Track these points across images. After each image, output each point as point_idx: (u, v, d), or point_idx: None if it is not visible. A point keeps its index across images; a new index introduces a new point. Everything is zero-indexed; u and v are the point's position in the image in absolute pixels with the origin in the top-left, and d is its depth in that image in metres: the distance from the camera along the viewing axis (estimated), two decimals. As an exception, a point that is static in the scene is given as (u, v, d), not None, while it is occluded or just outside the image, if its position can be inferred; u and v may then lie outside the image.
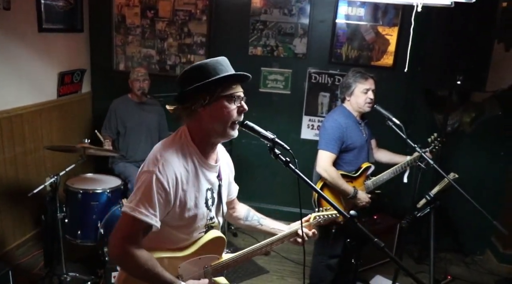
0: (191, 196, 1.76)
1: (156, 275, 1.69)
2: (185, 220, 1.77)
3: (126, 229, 1.66)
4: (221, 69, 1.71)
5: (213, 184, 1.87)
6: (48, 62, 4.31)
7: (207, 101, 1.69)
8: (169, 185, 1.66)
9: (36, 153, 4.20)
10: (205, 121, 1.73)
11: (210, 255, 1.92)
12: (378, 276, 4.13)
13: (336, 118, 3.27)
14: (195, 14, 4.73)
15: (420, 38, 4.14)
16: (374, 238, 1.59)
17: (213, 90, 1.68)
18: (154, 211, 1.64)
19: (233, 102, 1.73)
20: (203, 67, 1.71)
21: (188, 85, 1.69)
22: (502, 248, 4.45)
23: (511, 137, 4.36)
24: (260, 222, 2.23)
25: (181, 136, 1.79)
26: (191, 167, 1.75)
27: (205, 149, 1.81)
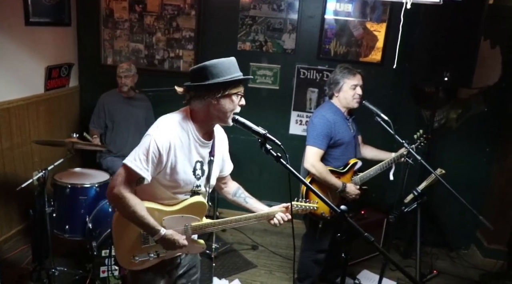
0: (181, 163, 2.05)
1: (142, 217, 2.02)
2: (173, 182, 2.08)
3: (124, 176, 2.00)
4: (233, 70, 2.05)
5: (203, 158, 2.17)
6: (35, 56, 4.26)
7: (220, 95, 2.00)
8: (162, 148, 1.98)
9: (24, 147, 4.16)
10: (213, 109, 2.04)
11: (191, 216, 2.20)
12: (365, 270, 4.18)
13: (324, 114, 3.29)
14: (184, 8, 4.71)
15: (408, 34, 4.17)
16: (364, 233, 1.61)
17: (226, 87, 2.00)
18: (147, 166, 1.97)
19: (239, 98, 2.06)
20: (219, 67, 2.02)
21: (205, 79, 2.00)
22: (486, 243, 4.52)
23: (496, 133, 4.43)
24: (246, 200, 2.50)
25: (184, 113, 2.11)
26: (185, 139, 2.06)
27: (203, 128, 2.11)
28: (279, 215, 2.34)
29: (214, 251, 4.09)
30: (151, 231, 2.06)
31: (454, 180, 3.20)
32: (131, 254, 2.17)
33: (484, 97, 4.39)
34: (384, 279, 3.77)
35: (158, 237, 2.06)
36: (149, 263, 2.22)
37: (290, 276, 3.98)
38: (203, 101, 2.02)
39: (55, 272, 3.38)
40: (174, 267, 2.33)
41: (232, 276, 3.95)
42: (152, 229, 2.05)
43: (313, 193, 1.80)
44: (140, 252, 2.18)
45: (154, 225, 2.04)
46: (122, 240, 2.17)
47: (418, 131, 3.43)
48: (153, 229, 2.05)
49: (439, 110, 4.44)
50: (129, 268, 2.23)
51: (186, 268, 2.41)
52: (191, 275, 2.46)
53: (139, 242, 2.17)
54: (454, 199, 3.04)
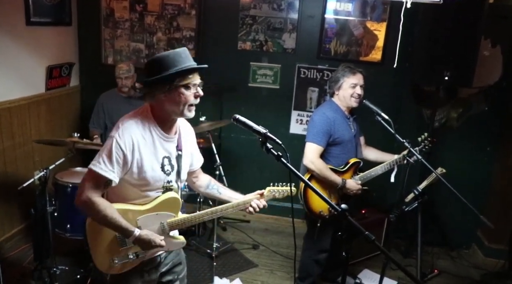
0: (147, 160, 2.04)
1: (113, 220, 1.99)
2: (142, 180, 2.06)
3: (90, 181, 1.98)
4: (179, 61, 2.00)
5: (170, 153, 2.15)
6: (36, 55, 4.27)
7: (167, 89, 1.99)
8: (126, 148, 1.97)
9: (25, 146, 4.17)
10: (165, 104, 2.03)
11: (166, 213, 2.18)
12: (366, 270, 4.18)
13: (324, 112, 3.30)
14: (184, 8, 4.71)
15: (408, 33, 4.18)
16: (365, 232, 1.61)
17: (172, 80, 1.98)
18: (112, 167, 1.95)
19: (190, 89, 2.03)
20: (164, 60, 2.00)
21: (151, 75, 1.99)
22: (487, 242, 4.52)
23: (496, 133, 4.43)
24: (219, 190, 2.48)
25: (143, 111, 2.10)
26: (148, 136, 2.05)
27: (164, 123, 2.10)
28: (254, 203, 2.32)
29: (215, 250, 4.10)
30: (125, 233, 2.04)
31: (455, 179, 3.20)
32: (110, 258, 2.14)
33: (485, 97, 4.39)
34: (385, 279, 3.77)
35: (133, 238, 2.05)
36: (130, 266, 2.20)
37: (291, 276, 3.98)
38: (154, 97, 2.02)
39: (56, 271, 3.39)
40: (154, 266, 2.29)
41: (233, 275, 3.95)
42: (126, 231, 2.03)
43: (314, 192, 1.79)
44: (119, 254, 2.15)
45: (127, 226, 2.02)
46: (99, 245, 2.14)
47: (423, 134, 3.43)
48: (126, 230, 2.03)
49: (440, 109, 4.44)
50: (109, 272, 2.20)
51: (170, 265, 2.38)
52: (178, 272, 2.43)
53: (117, 245, 2.14)
54: (455, 198, 3.04)
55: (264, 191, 2.38)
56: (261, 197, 2.36)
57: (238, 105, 4.76)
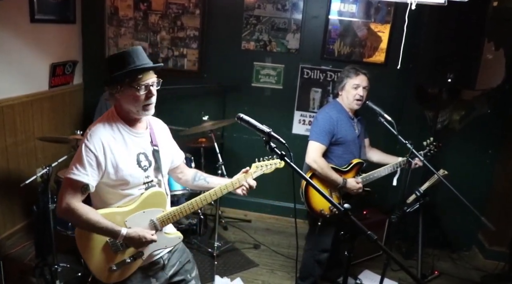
0: (122, 158, 2.04)
1: (97, 223, 1.98)
2: (121, 179, 2.05)
3: (66, 189, 1.97)
4: (130, 61, 2.00)
5: (145, 149, 2.16)
6: (40, 53, 4.28)
7: (120, 89, 2.01)
8: (96, 150, 1.97)
9: (28, 144, 4.18)
10: (122, 103, 2.06)
11: (153, 209, 2.16)
12: (367, 270, 4.18)
13: (328, 112, 3.32)
14: (189, 7, 4.72)
15: (412, 35, 4.18)
16: (367, 231, 1.62)
17: (122, 80, 1.99)
18: (85, 171, 1.95)
19: (140, 90, 2.01)
20: (115, 60, 2.03)
21: (107, 74, 2.02)
22: (488, 245, 4.52)
23: (499, 135, 4.43)
24: (206, 180, 2.45)
25: (108, 114, 2.12)
26: (118, 135, 2.06)
27: (130, 121, 2.11)
28: (242, 181, 2.29)
29: (216, 249, 4.11)
30: (112, 233, 2.02)
31: (456, 181, 3.20)
32: (108, 265, 2.11)
33: (487, 99, 4.39)
34: (386, 279, 3.77)
35: (122, 238, 2.03)
36: (128, 271, 2.17)
37: (291, 276, 3.99)
38: (113, 96, 2.05)
39: (57, 268, 3.39)
40: (159, 269, 2.27)
41: (234, 274, 3.95)
42: (113, 232, 2.01)
43: (317, 191, 1.80)
44: (116, 260, 2.12)
45: (112, 227, 2.01)
46: (93, 254, 2.11)
47: (429, 138, 3.43)
48: (113, 231, 2.01)
49: (442, 111, 4.44)
50: (110, 281, 2.15)
51: (178, 266, 2.35)
52: (188, 270, 2.40)
53: (110, 251, 2.11)
54: (456, 200, 3.04)
55: (249, 168, 2.34)
56: (247, 175, 2.32)
57: (241, 104, 4.76)
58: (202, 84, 4.82)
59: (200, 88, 4.81)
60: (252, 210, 5.04)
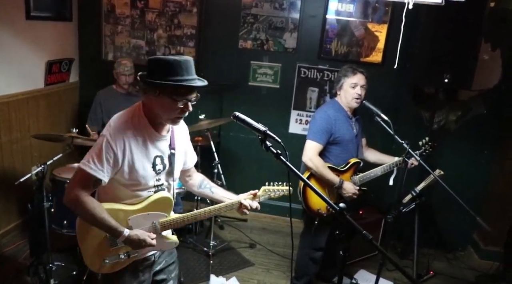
0: (139, 160, 2.01)
1: (102, 220, 1.96)
2: (133, 180, 2.03)
3: (78, 180, 1.96)
4: (179, 72, 1.91)
5: (163, 152, 2.12)
6: (36, 50, 4.26)
7: (158, 94, 1.93)
8: (116, 147, 1.93)
9: (23, 141, 4.16)
10: (154, 106, 1.99)
11: (158, 212, 2.15)
12: (362, 270, 4.18)
13: (326, 111, 3.32)
14: (186, 5, 4.71)
15: (409, 35, 4.18)
16: (363, 231, 1.61)
17: (164, 88, 1.91)
18: (102, 167, 1.92)
19: (178, 103, 1.95)
20: (164, 65, 1.92)
21: (149, 74, 1.93)
22: (483, 245, 4.53)
23: (495, 136, 4.44)
24: (212, 190, 2.44)
25: (135, 109, 2.05)
26: (140, 135, 2.01)
27: (155, 122, 2.05)
28: (246, 202, 2.29)
29: (211, 248, 4.10)
30: (114, 233, 2.02)
31: (452, 181, 3.20)
32: (101, 258, 2.12)
33: (484, 100, 4.39)
34: (381, 279, 3.78)
35: (123, 238, 2.03)
36: (120, 266, 2.17)
37: (287, 275, 3.99)
38: (146, 95, 1.97)
39: (52, 267, 3.38)
40: (149, 265, 2.27)
41: (229, 274, 3.95)
42: (115, 231, 2.01)
43: (312, 190, 1.79)
44: (110, 254, 2.13)
45: (116, 226, 2.00)
46: (89, 244, 2.12)
47: (424, 138, 3.43)
48: (115, 231, 2.00)
49: (439, 111, 4.44)
50: (100, 272, 2.17)
51: (164, 264, 2.37)
52: (171, 271, 2.42)
53: (107, 245, 2.12)
54: (452, 200, 3.04)
55: (258, 191, 2.36)
56: (255, 197, 2.34)
57: (238, 103, 4.75)
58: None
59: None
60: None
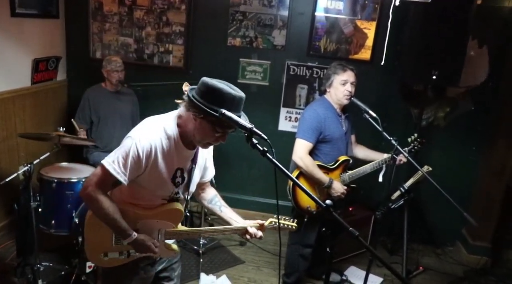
0: (161, 170, 2.01)
1: (114, 220, 1.99)
2: (152, 187, 2.05)
3: (100, 177, 1.96)
4: (231, 105, 1.87)
5: (185, 165, 2.12)
6: (22, 48, 4.20)
7: (200, 117, 1.89)
8: (143, 154, 1.92)
9: (9, 141, 4.11)
10: (190, 124, 1.96)
11: (167, 222, 2.18)
12: (353, 267, 4.20)
13: (315, 109, 3.31)
14: (174, 3, 4.67)
15: (397, 33, 4.20)
16: (349, 228, 1.62)
17: (209, 115, 1.86)
18: (125, 170, 1.92)
19: (217, 132, 1.93)
20: (222, 97, 1.86)
21: (201, 96, 1.88)
22: (471, 240, 4.57)
23: (482, 132, 4.48)
24: (221, 209, 2.43)
25: (170, 119, 2.02)
26: (168, 145, 1.99)
27: (186, 137, 2.02)
28: (252, 230, 2.29)
29: (202, 247, 4.09)
30: (123, 234, 2.05)
31: (441, 178, 3.23)
32: (102, 252, 2.16)
33: (472, 96, 4.43)
34: (371, 275, 3.80)
35: (130, 241, 2.05)
36: (119, 262, 2.20)
37: (277, 272, 3.99)
38: (188, 111, 1.95)
39: (40, 267, 3.35)
40: (150, 263, 2.29)
41: (220, 272, 3.94)
42: (124, 233, 2.04)
43: (299, 188, 1.79)
44: (112, 250, 2.16)
45: (125, 228, 2.03)
46: (94, 237, 2.16)
47: (413, 135, 3.45)
48: (124, 233, 2.03)
49: (427, 108, 4.47)
50: (98, 264, 2.23)
51: (167, 263, 2.40)
52: (174, 269, 2.46)
53: (112, 241, 2.15)
54: (441, 196, 3.06)
55: (265, 222, 2.36)
56: (261, 228, 2.34)
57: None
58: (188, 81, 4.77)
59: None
60: (238, 207, 5.00)
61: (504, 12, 4.16)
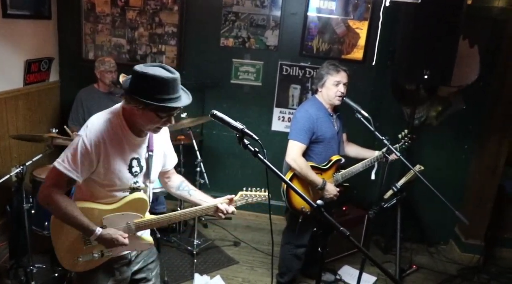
0: (114, 162, 2.01)
1: (74, 218, 1.97)
2: (109, 180, 2.04)
3: (52, 179, 1.97)
4: (166, 90, 1.89)
5: (140, 154, 2.12)
6: (14, 49, 4.18)
7: (141, 108, 1.91)
8: (92, 148, 1.93)
9: (1, 142, 4.09)
10: (136, 116, 1.98)
11: (132, 213, 2.15)
12: (346, 266, 4.22)
13: (307, 109, 3.31)
14: (167, 4, 4.67)
15: (389, 32, 4.22)
16: (340, 227, 1.62)
17: (148, 104, 1.89)
18: (76, 167, 1.92)
19: (162, 118, 1.96)
20: (151, 82, 1.87)
21: (133, 87, 1.90)
22: (464, 238, 4.60)
23: (474, 131, 4.51)
24: (190, 193, 2.41)
25: (115, 111, 2.06)
26: (116, 137, 2.01)
27: (134, 127, 2.04)
28: (222, 206, 2.29)
29: (195, 247, 4.09)
30: (86, 231, 2.02)
31: (433, 176, 3.25)
32: (75, 256, 2.12)
33: (463, 95, 4.47)
34: (365, 275, 3.81)
35: (95, 237, 2.03)
36: (94, 264, 2.16)
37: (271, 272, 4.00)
38: (129, 105, 1.96)
39: (33, 269, 3.33)
40: (125, 264, 2.26)
41: (214, 272, 3.95)
42: (87, 229, 2.01)
43: (290, 188, 1.80)
44: (84, 252, 2.13)
45: (88, 225, 2.00)
46: (63, 242, 2.12)
47: (403, 131, 3.47)
48: (88, 229, 2.01)
49: (420, 107, 4.50)
50: (74, 270, 2.18)
51: (143, 263, 2.36)
52: (151, 269, 2.41)
53: (81, 243, 2.12)
54: (433, 195, 3.08)
55: (235, 196, 2.36)
56: (231, 202, 2.34)
57: (220, 101, 4.75)
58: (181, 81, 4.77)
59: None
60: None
61: (495, 12, 4.20)
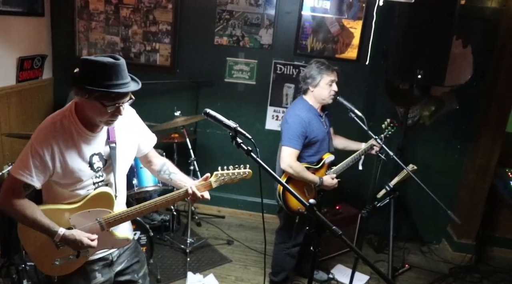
0: (72, 162, 1.95)
1: (35, 221, 1.93)
2: (70, 180, 1.99)
3: (8, 184, 1.95)
4: (109, 76, 1.82)
5: (100, 148, 2.05)
6: (6, 46, 4.15)
7: (87, 98, 1.85)
8: (43, 152, 1.88)
9: (-7, 140, 4.07)
10: (85, 108, 1.93)
11: (99, 209, 2.08)
12: (340, 265, 4.23)
13: (299, 114, 3.27)
14: (161, 1, 4.66)
15: (383, 32, 4.24)
16: (332, 226, 1.63)
17: (92, 92, 1.83)
18: (30, 171, 1.89)
19: (109, 108, 1.88)
20: (94, 68, 1.82)
21: (79, 76, 1.84)
22: (456, 238, 4.63)
23: (467, 131, 4.53)
24: (170, 176, 2.34)
25: (66, 110, 1.98)
26: (69, 136, 1.94)
27: (88, 122, 1.97)
28: (191, 189, 2.14)
29: (189, 246, 4.09)
30: (49, 233, 1.96)
31: (426, 176, 3.27)
32: (50, 259, 2.07)
33: (456, 95, 4.49)
34: (358, 273, 3.83)
35: (58, 238, 1.96)
36: (74, 266, 2.11)
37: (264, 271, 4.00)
38: (76, 96, 1.90)
39: (25, 267, 3.31)
40: (106, 266, 2.21)
41: (207, 270, 3.94)
42: (49, 231, 1.95)
43: (284, 188, 1.81)
44: (58, 255, 2.07)
45: (49, 226, 1.94)
46: (33, 246, 2.07)
47: (386, 120, 3.50)
48: (49, 230, 1.95)
49: (413, 107, 4.52)
50: (54, 274, 2.13)
51: (126, 264, 2.30)
52: (136, 270, 2.34)
53: (53, 246, 2.05)
54: (426, 194, 3.10)
55: (210, 176, 2.19)
56: (207, 183, 2.18)
57: (214, 100, 4.74)
58: (175, 80, 4.77)
59: (172, 83, 4.77)
60: (225, 206, 5.03)
61: (488, 12, 4.23)
